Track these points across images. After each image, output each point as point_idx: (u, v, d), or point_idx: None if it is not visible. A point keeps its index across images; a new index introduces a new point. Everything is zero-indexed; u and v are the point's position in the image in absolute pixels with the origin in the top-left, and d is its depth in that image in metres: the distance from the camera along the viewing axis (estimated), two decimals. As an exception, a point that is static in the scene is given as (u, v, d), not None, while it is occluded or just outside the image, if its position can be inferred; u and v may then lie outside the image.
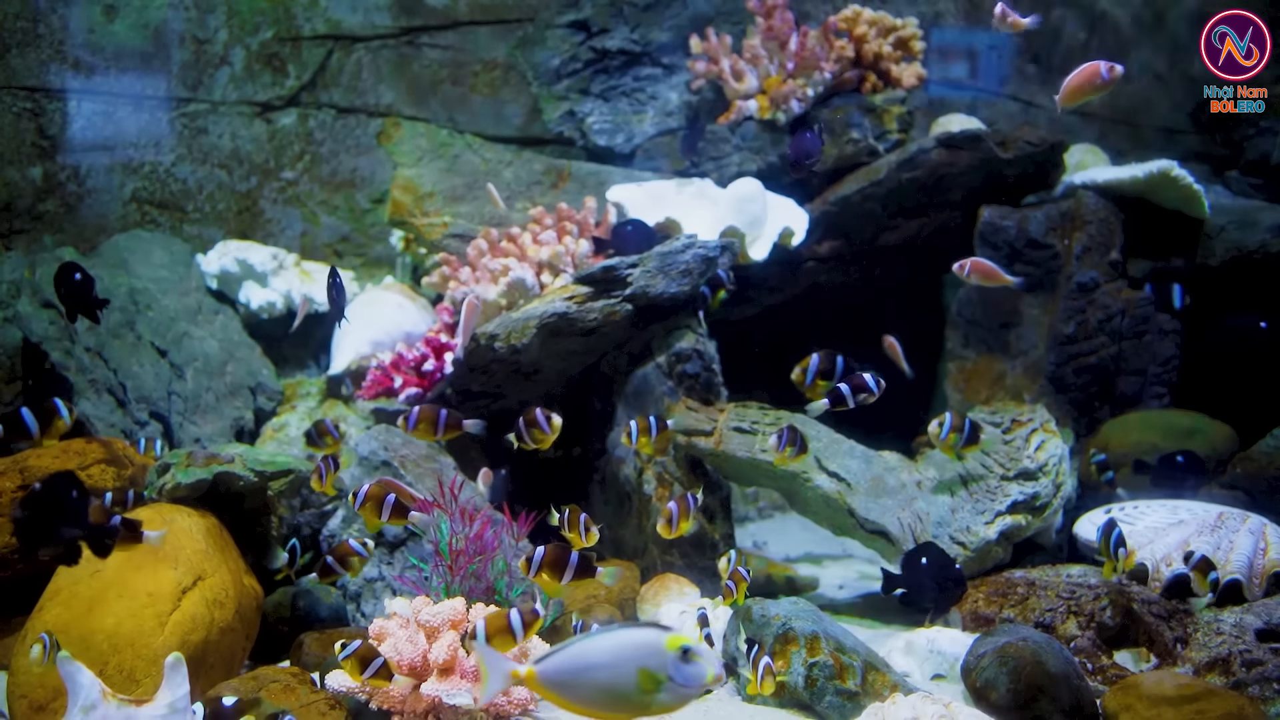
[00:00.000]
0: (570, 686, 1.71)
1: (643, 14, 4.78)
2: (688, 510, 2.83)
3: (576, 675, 1.71)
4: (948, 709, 2.27)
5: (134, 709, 2.10)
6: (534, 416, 2.91)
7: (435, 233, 4.35)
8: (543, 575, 2.45)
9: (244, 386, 4.07)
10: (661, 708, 1.70)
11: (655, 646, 1.68)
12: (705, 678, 1.68)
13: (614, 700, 1.70)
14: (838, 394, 2.95)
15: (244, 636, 2.85)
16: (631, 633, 1.72)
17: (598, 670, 1.70)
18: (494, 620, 2.38)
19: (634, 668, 1.67)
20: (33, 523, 2.30)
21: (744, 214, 3.92)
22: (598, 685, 1.70)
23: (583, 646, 1.72)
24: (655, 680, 1.67)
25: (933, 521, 3.24)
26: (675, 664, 1.67)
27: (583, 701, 1.72)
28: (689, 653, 1.68)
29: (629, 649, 1.70)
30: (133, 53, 4.66)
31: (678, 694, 1.69)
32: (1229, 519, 3.09)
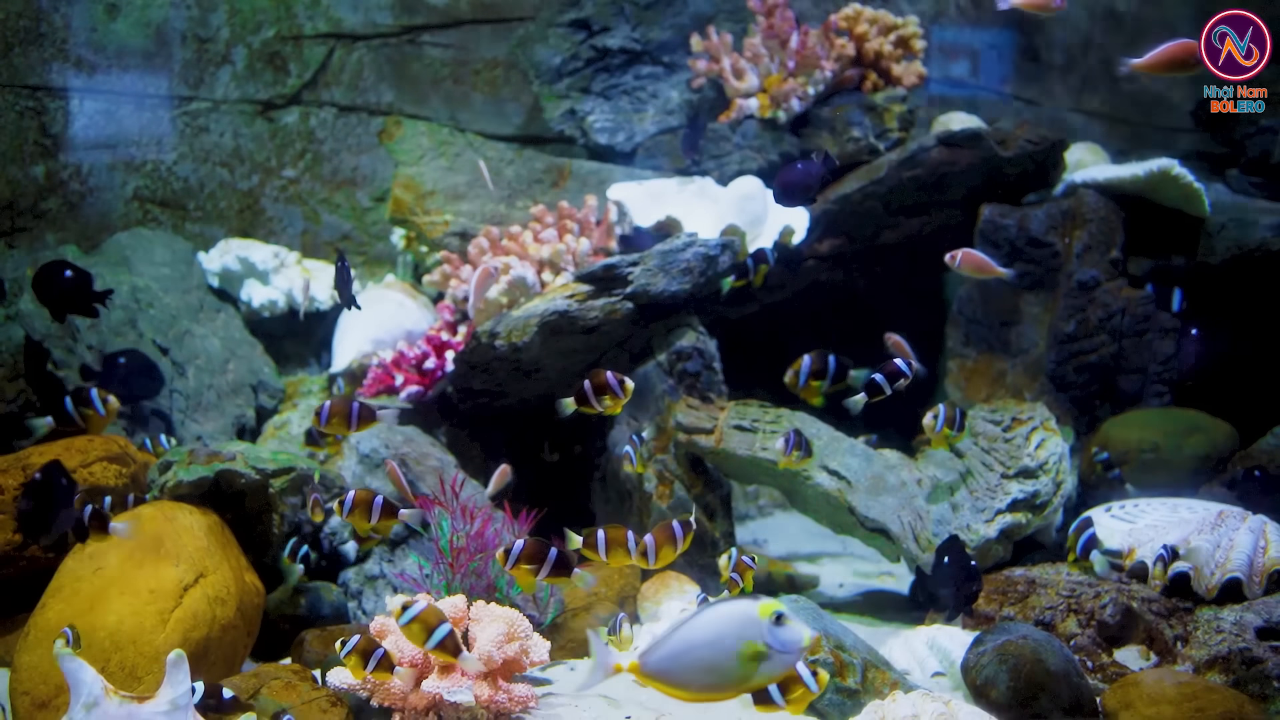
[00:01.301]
0: (674, 672, 1.71)
1: (644, 12, 4.78)
2: (685, 534, 2.72)
3: (679, 659, 1.70)
4: (948, 707, 2.27)
5: (136, 706, 2.11)
6: (604, 380, 2.70)
7: (436, 231, 4.36)
8: (521, 567, 2.41)
9: (245, 384, 4.08)
10: (765, 678, 1.68)
11: (750, 617, 1.67)
12: (804, 641, 1.66)
13: (720, 678, 1.70)
14: (874, 384, 2.91)
15: (245, 634, 2.85)
16: (725, 608, 1.70)
17: (700, 650, 1.69)
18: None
19: (735, 642, 1.66)
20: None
21: (745, 212, 3.92)
22: (702, 666, 1.69)
23: (681, 631, 1.70)
24: (756, 651, 1.65)
25: (933, 520, 3.24)
26: (771, 631, 1.65)
27: (689, 685, 1.71)
28: (782, 618, 1.66)
29: (726, 624, 1.68)
30: (135, 51, 4.67)
31: (780, 662, 1.67)
32: (1229, 517, 3.09)
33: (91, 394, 2.77)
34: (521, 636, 2.58)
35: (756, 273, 3.61)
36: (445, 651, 2.31)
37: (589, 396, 2.70)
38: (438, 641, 2.29)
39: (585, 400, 2.71)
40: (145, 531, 2.79)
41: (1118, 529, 3.23)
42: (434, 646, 2.29)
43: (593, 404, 2.70)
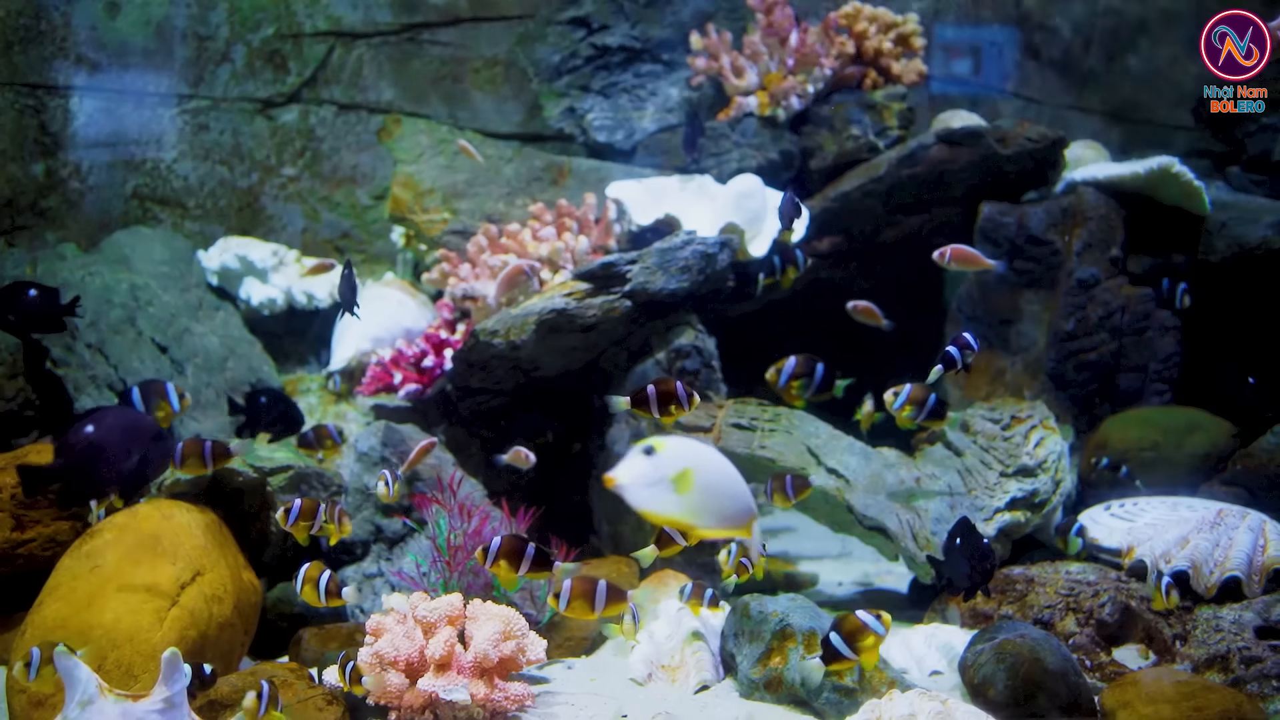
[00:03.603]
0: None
1: (643, 10, 4.77)
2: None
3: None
4: (945, 706, 2.26)
5: (130, 704, 2.11)
6: (672, 389, 2.60)
7: (435, 229, 4.36)
8: (500, 565, 2.42)
9: (244, 382, 4.08)
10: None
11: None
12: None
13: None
14: (949, 357, 2.88)
15: (243, 632, 2.85)
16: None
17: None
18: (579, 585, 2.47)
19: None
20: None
21: (744, 210, 3.92)
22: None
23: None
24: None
25: (931, 518, 3.23)
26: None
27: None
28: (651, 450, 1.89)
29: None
30: (135, 49, 4.67)
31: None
32: (1229, 516, 3.09)
33: (168, 387, 2.75)
34: (518, 635, 2.57)
35: (784, 274, 3.58)
36: (330, 595, 2.57)
37: (650, 402, 2.61)
38: (324, 590, 2.55)
39: (643, 404, 2.62)
40: (143, 529, 2.80)
41: (1117, 527, 3.23)
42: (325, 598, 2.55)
43: (652, 410, 2.61)
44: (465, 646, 2.53)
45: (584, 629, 3.04)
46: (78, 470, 2.33)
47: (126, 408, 2.57)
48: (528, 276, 3.69)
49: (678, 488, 1.91)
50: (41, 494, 2.44)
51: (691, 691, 2.73)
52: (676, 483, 1.91)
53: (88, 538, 2.80)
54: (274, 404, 3.74)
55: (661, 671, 2.79)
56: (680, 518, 1.95)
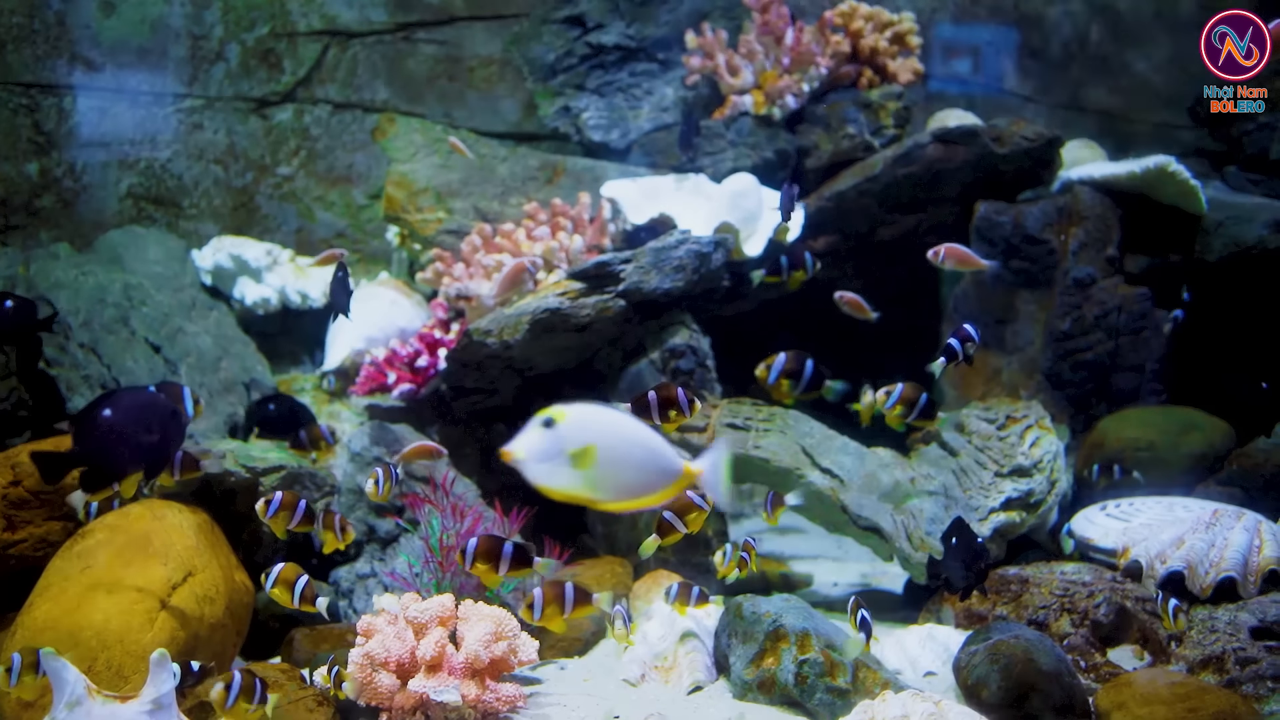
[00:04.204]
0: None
1: (638, 9, 4.76)
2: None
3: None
4: (938, 707, 2.26)
5: (118, 705, 2.10)
6: (673, 395, 2.54)
7: (429, 229, 4.34)
8: (479, 566, 2.39)
9: (238, 382, 4.06)
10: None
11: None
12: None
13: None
14: (950, 349, 2.86)
15: (234, 633, 2.84)
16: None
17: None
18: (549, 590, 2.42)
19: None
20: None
21: (739, 209, 3.91)
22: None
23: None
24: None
25: (926, 518, 3.22)
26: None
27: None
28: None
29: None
30: (129, 48, 4.66)
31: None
32: (1224, 516, 3.08)
33: (185, 391, 2.74)
34: (509, 635, 2.56)
35: (790, 277, 3.54)
36: (305, 600, 2.58)
37: (651, 409, 2.54)
38: (299, 595, 2.58)
39: (645, 411, 2.54)
40: (134, 530, 2.79)
41: (1113, 527, 3.22)
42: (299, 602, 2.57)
43: (653, 417, 2.55)
44: (457, 647, 2.52)
45: (577, 629, 3.03)
46: (98, 454, 2.33)
47: (139, 388, 2.57)
48: (530, 274, 3.67)
49: (577, 463, 1.83)
50: (61, 481, 2.44)
51: (685, 692, 2.72)
52: (576, 458, 1.83)
53: (79, 538, 2.79)
54: (286, 410, 3.74)
55: (655, 672, 2.78)
56: (581, 494, 1.87)
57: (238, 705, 2.19)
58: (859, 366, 3.27)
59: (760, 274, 3.53)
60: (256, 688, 2.22)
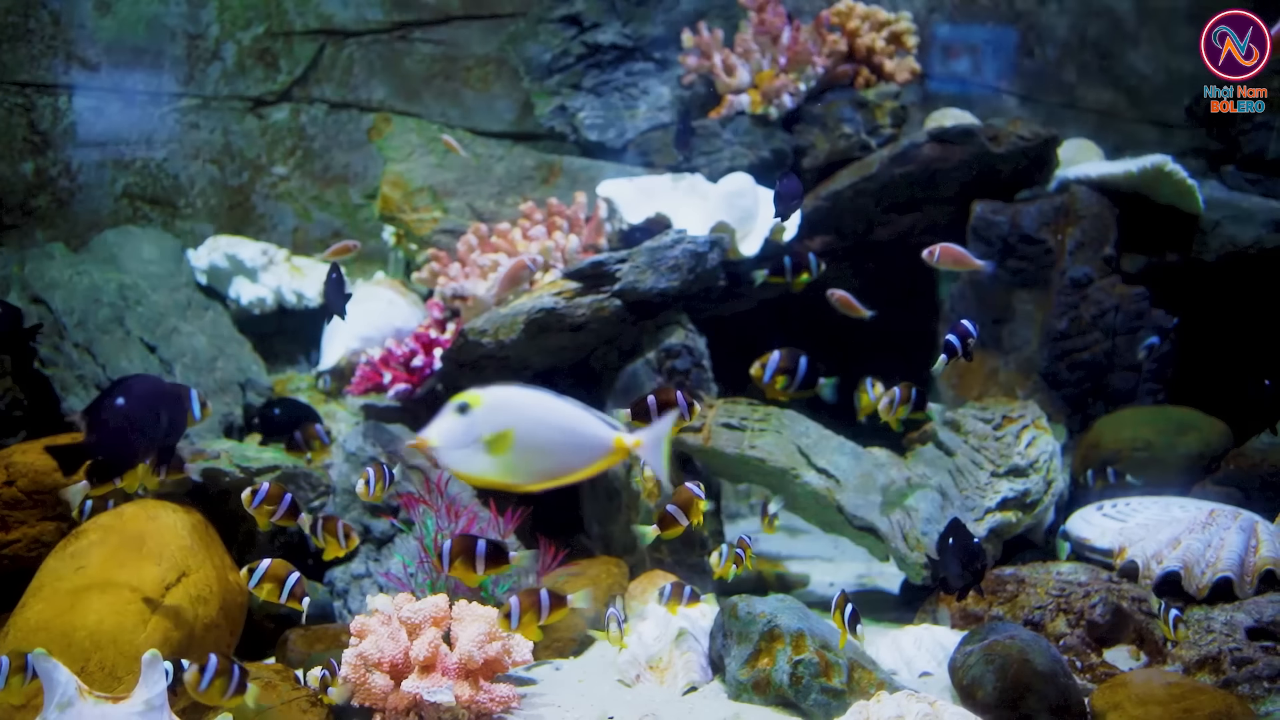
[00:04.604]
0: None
1: (635, 9, 4.75)
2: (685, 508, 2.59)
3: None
4: (933, 707, 2.25)
5: (110, 706, 2.09)
6: (672, 398, 2.50)
7: (425, 228, 4.34)
8: (457, 566, 2.37)
9: (233, 382, 4.06)
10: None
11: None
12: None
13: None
14: (950, 345, 2.83)
15: (228, 633, 2.83)
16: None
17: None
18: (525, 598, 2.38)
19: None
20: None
21: (735, 209, 3.90)
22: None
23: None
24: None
25: (922, 518, 3.22)
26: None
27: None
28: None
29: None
30: (124, 48, 4.65)
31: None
32: (1220, 516, 3.07)
33: (192, 393, 2.72)
34: (503, 636, 2.56)
35: (795, 278, 3.50)
36: (294, 598, 2.53)
37: (651, 412, 2.51)
38: (289, 591, 2.52)
39: (645, 416, 2.51)
40: (128, 530, 2.78)
41: (1109, 528, 3.21)
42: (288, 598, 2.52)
43: (653, 420, 2.45)
44: (451, 648, 2.51)
45: (572, 629, 3.02)
46: (114, 443, 2.33)
47: (146, 375, 2.57)
48: (530, 272, 3.66)
49: (493, 449, 1.79)
50: (77, 471, 2.45)
51: (680, 693, 2.71)
52: (491, 444, 1.78)
53: (73, 538, 2.79)
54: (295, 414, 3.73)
55: (649, 672, 2.77)
56: (499, 480, 1.84)
57: (212, 690, 2.15)
58: (857, 366, 3.27)
59: (763, 274, 3.52)
60: (233, 673, 2.18)
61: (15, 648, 2.43)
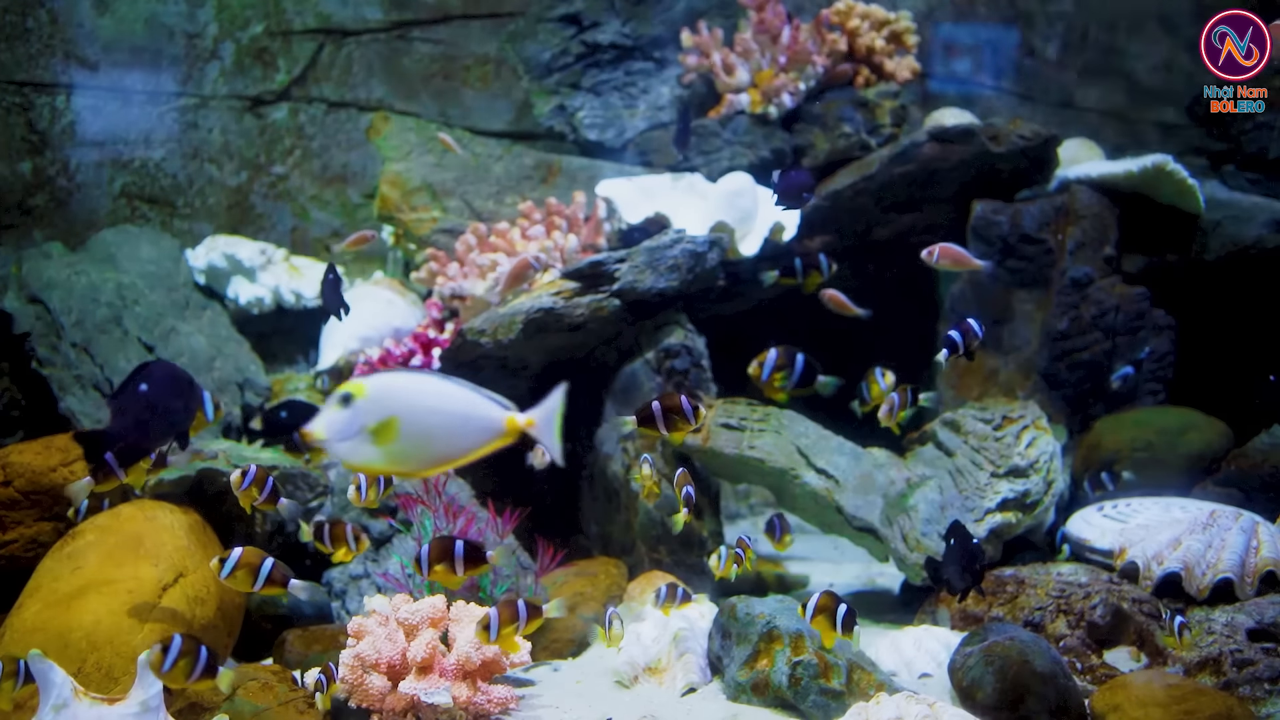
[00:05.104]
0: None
1: (634, 8, 4.74)
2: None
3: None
4: (933, 709, 2.24)
5: (106, 707, 2.08)
6: (677, 403, 2.48)
7: (423, 228, 4.33)
8: (436, 570, 2.34)
9: (231, 382, 4.05)
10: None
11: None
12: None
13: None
14: (951, 341, 2.83)
15: (226, 634, 2.83)
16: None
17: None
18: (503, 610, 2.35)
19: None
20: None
21: (734, 209, 3.89)
22: None
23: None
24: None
25: (921, 519, 3.21)
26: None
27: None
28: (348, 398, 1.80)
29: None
30: (122, 47, 4.64)
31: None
32: (1221, 517, 3.06)
33: (205, 396, 2.71)
34: (502, 637, 2.54)
35: (806, 279, 3.49)
36: (273, 584, 2.42)
37: (656, 419, 2.50)
38: (265, 578, 2.41)
39: (650, 422, 2.50)
40: (125, 530, 2.77)
41: (1109, 528, 3.20)
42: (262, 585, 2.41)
43: (659, 427, 2.50)
44: (449, 648, 2.50)
45: (570, 630, 3.01)
46: (137, 429, 2.36)
47: (163, 361, 2.59)
48: (534, 270, 3.65)
49: (379, 438, 1.78)
50: (102, 458, 2.48)
51: (678, 694, 2.70)
52: (377, 433, 1.77)
53: (70, 539, 2.78)
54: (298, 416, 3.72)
55: (648, 674, 2.76)
56: (388, 469, 1.85)
57: (176, 671, 2.08)
58: (857, 366, 3.26)
59: (774, 275, 3.50)
60: (199, 654, 2.09)
61: (11, 649, 2.42)
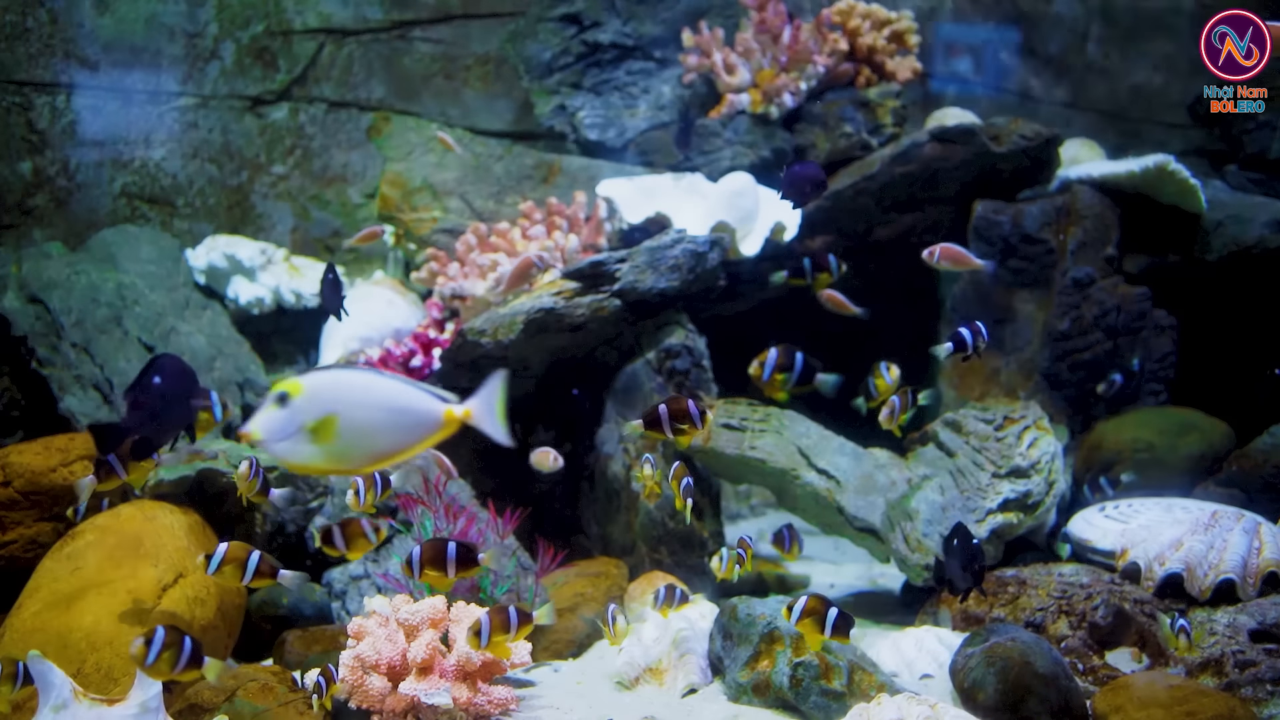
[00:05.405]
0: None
1: (635, 7, 4.73)
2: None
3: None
4: (934, 710, 2.24)
5: (105, 708, 2.08)
6: (684, 408, 2.51)
7: (424, 228, 4.32)
8: (428, 573, 2.33)
9: (231, 382, 4.04)
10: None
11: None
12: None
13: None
14: (960, 338, 2.82)
15: (226, 635, 2.82)
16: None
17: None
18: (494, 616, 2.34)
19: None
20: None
21: (735, 209, 3.88)
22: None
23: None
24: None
25: (923, 520, 3.20)
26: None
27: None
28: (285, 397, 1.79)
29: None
30: (122, 46, 4.63)
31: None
32: (1223, 517, 3.05)
33: (213, 396, 2.71)
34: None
35: (815, 280, 3.49)
36: (261, 576, 2.38)
37: (662, 422, 2.51)
38: (254, 570, 2.36)
39: (656, 426, 2.53)
40: (125, 531, 2.77)
41: (1111, 529, 3.19)
42: (252, 577, 2.36)
43: (665, 430, 2.52)
44: (449, 649, 2.50)
45: (571, 631, 3.01)
46: (152, 421, 2.38)
47: (171, 355, 2.61)
48: (538, 269, 3.64)
49: (316, 438, 1.77)
50: (118, 451, 2.50)
51: (679, 695, 2.70)
52: (315, 432, 1.77)
53: (69, 539, 2.78)
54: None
55: (649, 674, 2.76)
56: (328, 467, 1.83)
57: (160, 663, 2.06)
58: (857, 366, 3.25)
59: (783, 276, 3.49)
60: (184, 645, 2.08)
61: (10, 650, 2.42)
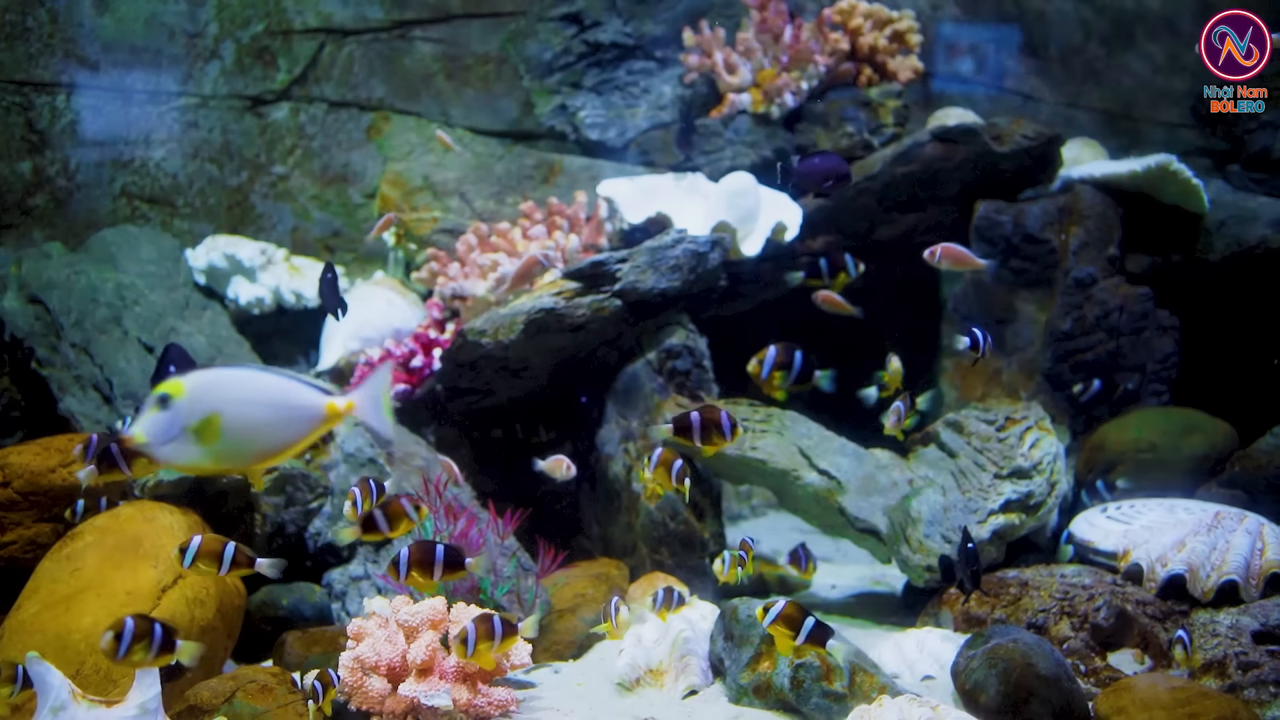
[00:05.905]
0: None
1: (636, 7, 4.73)
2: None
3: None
4: (935, 712, 2.23)
5: (104, 710, 2.07)
6: (717, 418, 2.54)
7: (424, 228, 4.31)
8: (414, 576, 2.32)
9: (232, 383, 4.03)
10: None
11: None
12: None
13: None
14: (974, 335, 2.83)
15: (225, 635, 2.81)
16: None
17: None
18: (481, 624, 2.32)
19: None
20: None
21: (736, 209, 3.87)
22: None
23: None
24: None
25: (925, 521, 3.19)
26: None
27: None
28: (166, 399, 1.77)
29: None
30: (122, 46, 4.63)
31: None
32: (1226, 518, 3.04)
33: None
34: (502, 639, 2.53)
35: (834, 280, 3.48)
36: (238, 566, 2.30)
37: (693, 431, 2.54)
38: (230, 560, 2.29)
39: (686, 433, 2.54)
40: (124, 532, 2.76)
41: (1113, 530, 3.18)
42: (229, 568, 2.30)
43: (694, 439, 2.54)
44: (448, 650, 2.49)
45: (571, 632, 3.00)
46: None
47: (176, 345, 2.62)
48: (544, 268, 3.64)
49: (201, 438, 1.76)
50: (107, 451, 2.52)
51: (679, 696, 2.69)
52: (199, 432, 1.75)
53: (69, 540, 2.77)
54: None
55: (649, 676, 2.75)
56: (214, 468, 1.83)
57: (133, 654, 2.03)
58: (858, 366, 3.24)
59: (798, 277, 3.48)
60: (154, 634, 2.03)
61: (9, 651, 2.41)
